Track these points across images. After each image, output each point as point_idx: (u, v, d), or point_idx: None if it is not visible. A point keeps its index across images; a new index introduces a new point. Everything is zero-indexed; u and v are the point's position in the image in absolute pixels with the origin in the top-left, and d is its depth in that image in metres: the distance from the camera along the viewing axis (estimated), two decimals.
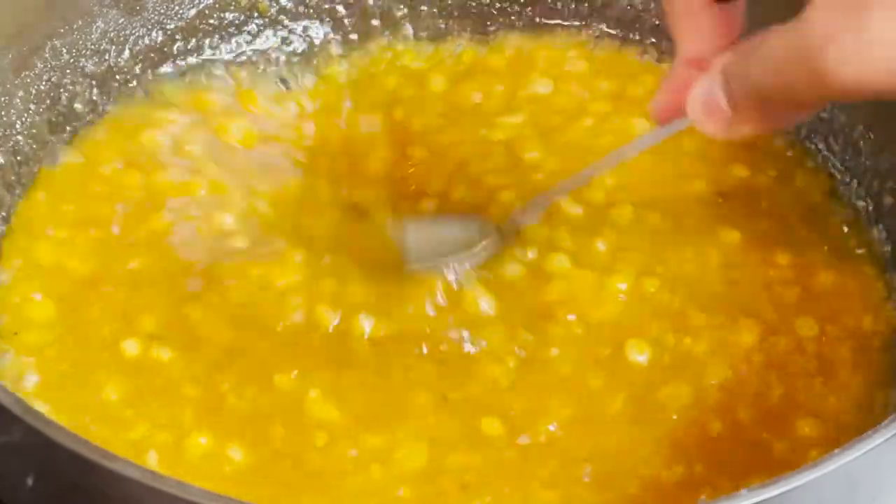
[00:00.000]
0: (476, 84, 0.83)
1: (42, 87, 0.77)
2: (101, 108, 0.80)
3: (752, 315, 0.70)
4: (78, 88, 0.79)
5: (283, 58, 0.85)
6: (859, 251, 0.75)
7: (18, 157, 0.75)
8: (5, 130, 0.75)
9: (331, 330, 0.69)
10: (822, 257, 0.74)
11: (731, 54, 0.55)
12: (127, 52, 0.82)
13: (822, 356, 0.69)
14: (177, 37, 0.84)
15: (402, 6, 0.88)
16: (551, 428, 0.65)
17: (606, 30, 0.87)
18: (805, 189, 0.78)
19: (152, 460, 0.63)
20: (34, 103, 0.77)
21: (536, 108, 0.81)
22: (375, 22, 0.88)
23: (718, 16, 0.57)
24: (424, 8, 0.88)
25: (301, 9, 0.87)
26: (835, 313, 0.71)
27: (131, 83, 0.82)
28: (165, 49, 0.84)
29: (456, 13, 0.89)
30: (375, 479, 0.63)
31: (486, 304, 0.69)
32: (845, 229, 0.76)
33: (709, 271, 0.72)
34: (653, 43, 0.86)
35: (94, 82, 0.80)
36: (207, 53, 0.85)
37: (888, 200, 0.75)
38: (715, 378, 0.67)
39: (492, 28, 0.88)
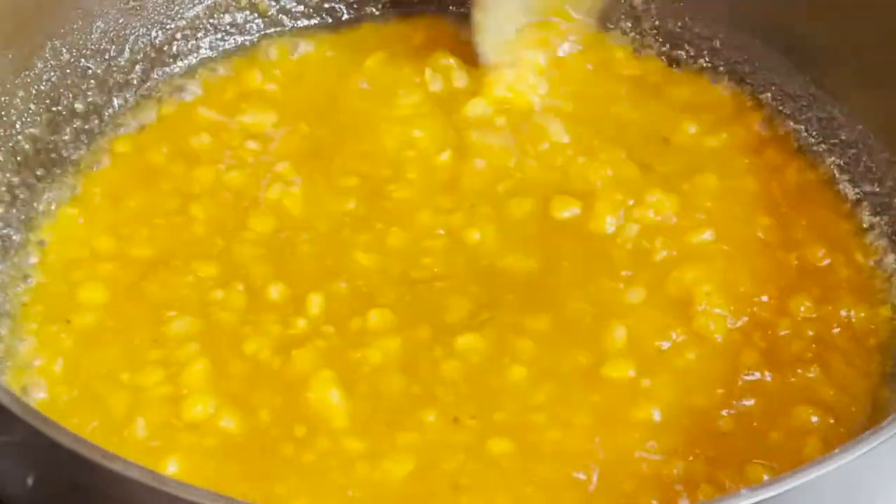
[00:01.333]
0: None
1: (42, 87, 0.77)
2: (103, 108, 0.81)
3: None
4: (78, 88, 0.79)
5: (282, 57, 0.85)
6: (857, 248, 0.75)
7: (18, 158, 0.75)
8: (5, 130, 0.75)
9: None
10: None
11: None
12: (127, 52, 0.82)
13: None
14: (177, 37, 0.84)
15: (399, 9, 0.88)
16: None
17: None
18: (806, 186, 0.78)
19: None
20: (34, 103, 0.77)
21: None
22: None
23: None
24: (422, 8, 0.89)
25: (301, 9, 0.87)
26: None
27: (132, 83, 0.82)
28: (165, 49, 0.84)
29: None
30: None
31: None
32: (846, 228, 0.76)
33: None
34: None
35: (93, 82, 0.80)
36: (207, 53, 0.85)
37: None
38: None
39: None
